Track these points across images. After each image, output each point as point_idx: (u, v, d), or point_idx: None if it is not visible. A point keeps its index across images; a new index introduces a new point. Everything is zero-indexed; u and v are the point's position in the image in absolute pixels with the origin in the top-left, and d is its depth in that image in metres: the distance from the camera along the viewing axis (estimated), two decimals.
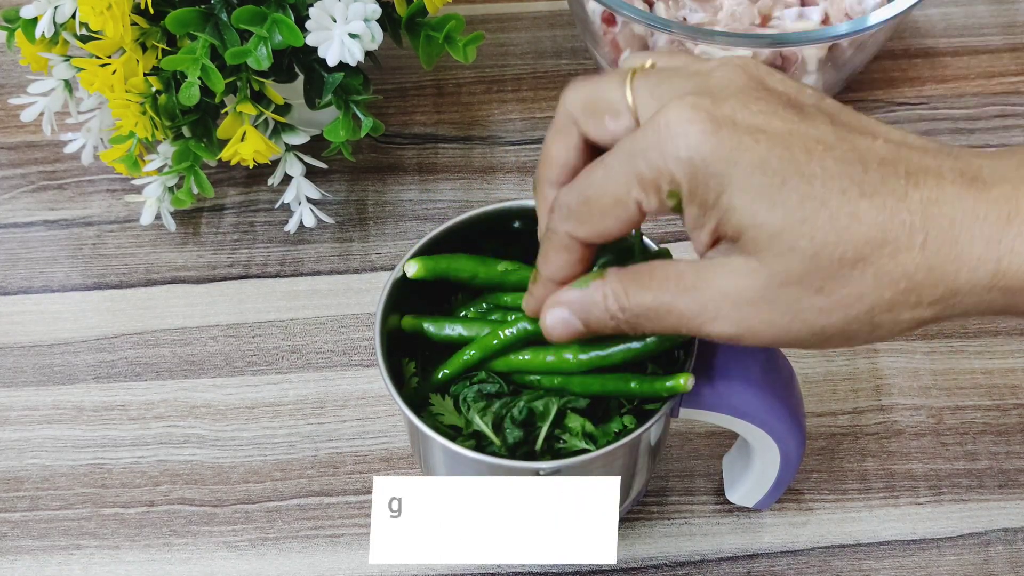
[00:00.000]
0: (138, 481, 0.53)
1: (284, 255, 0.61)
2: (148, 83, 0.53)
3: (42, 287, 0.60)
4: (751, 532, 0.51)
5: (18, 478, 0.54)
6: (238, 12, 0.51)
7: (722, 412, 0.42)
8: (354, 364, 0.57)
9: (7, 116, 0.68)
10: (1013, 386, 0.56)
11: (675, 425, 0.54)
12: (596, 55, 0.65)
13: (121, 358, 0.57)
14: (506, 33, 0.72)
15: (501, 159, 0.65)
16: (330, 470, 0.53)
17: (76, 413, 0.56)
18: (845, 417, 0.55)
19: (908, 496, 0.52)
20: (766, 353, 0.43)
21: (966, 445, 0.54)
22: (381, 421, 0.55)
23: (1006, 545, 0.51)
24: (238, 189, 0.64)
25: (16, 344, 0.58)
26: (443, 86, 0.69)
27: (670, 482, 0.53)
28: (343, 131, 0.54)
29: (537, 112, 0.67)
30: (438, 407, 0.43)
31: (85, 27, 0.53)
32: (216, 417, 0.55)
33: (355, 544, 0.51)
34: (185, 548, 0.51)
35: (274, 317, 0.59)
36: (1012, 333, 0.57)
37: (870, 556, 0.50)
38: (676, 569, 0.50)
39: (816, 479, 0.53)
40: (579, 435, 0.41)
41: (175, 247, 0.62)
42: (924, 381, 0.56)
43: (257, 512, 0.52)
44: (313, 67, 0.55)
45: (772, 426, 0.43)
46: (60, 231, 0.62)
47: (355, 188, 0.64)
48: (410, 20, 0.56)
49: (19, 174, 0.65)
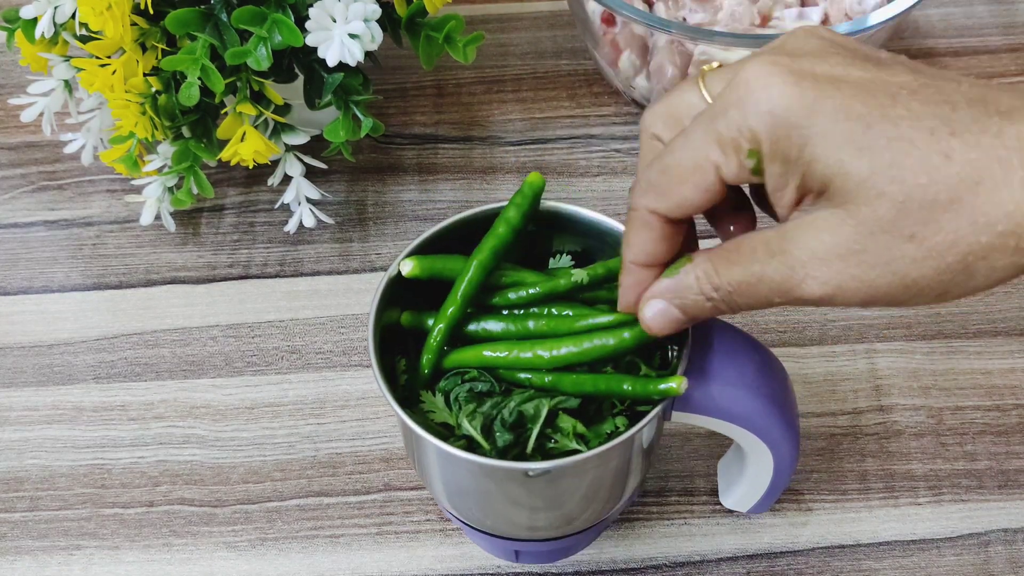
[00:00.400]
0: (138, 481, 0.53)
1: (284, 255, 0.61)
2: (148, 83, 0.53)
3: (42, 287, 0.60)
4: (751, 532, 0.51)
5: (18, 478, 0.54)
6: (238, 12, 0.51)
7: (715, 416, 0.42)
8: (354, 364, 0.57)
9: (7, 116, 0.68)
10: (1013, 386, 0.56)
11: (674, 426, 0.54)
12: (596, 55, 0.65)
13: (121, 358, 0.57)
14: (506, 33, 0.72)
15: (501, 159, 0.65)
16: (330, 470, 0.53)
17: (76, 413, 0.56)
18: (845, 417, 0.55)
19: (908, 496, 0.52)
20: (760, 356, 0.43)
21: (966, 445, 0.54)
22: (381, 421, 0.55)
23: (1006, 545, 0.51)
24: (238, 189, 0.64)
25: (16, 344, 0.58)
26: (443, 86, 0.69)
27: (670, 482, 0.53)
28: (343, 131, 0.54)
29: (537, 112, 0.67)
30: (428, 404, 0.43)
31: (85, 27, 0.53)
32: (216, 417, 0.55)
33: (355, 544, 0.51)
34: (185, 548, 0.51)
35: (274, 317, 0.59)
36: (1012, 333, 0.57)
37: (870, 556, 0.50)
38: (676, 569, 0.50)
39: (816, 479, 0.53)
40: (570, 436, 0.41)
41: (175, 247, 0.62)
42: (924, 381, 0.56)
43: (257, 512, 0.52)
44: (313, 67, 0.55)
45: (765, 431, 0.43)
46: (60, 231, 0.62)
47: (355, 188, 0.64)
48: (410, 20, 0.56)
49: (19, 174, 0.65)
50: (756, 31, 0.60)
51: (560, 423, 0.41)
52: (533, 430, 0.41)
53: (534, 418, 0.41)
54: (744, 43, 0.56)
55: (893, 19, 0.57)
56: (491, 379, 0.43)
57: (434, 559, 0.51)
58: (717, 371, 0.42)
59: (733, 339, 0.43)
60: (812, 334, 0.57)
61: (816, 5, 0.61)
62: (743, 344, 0.43)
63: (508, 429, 0.41)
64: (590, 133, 0.66)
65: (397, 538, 0.51)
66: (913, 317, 0.58)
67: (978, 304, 0.58)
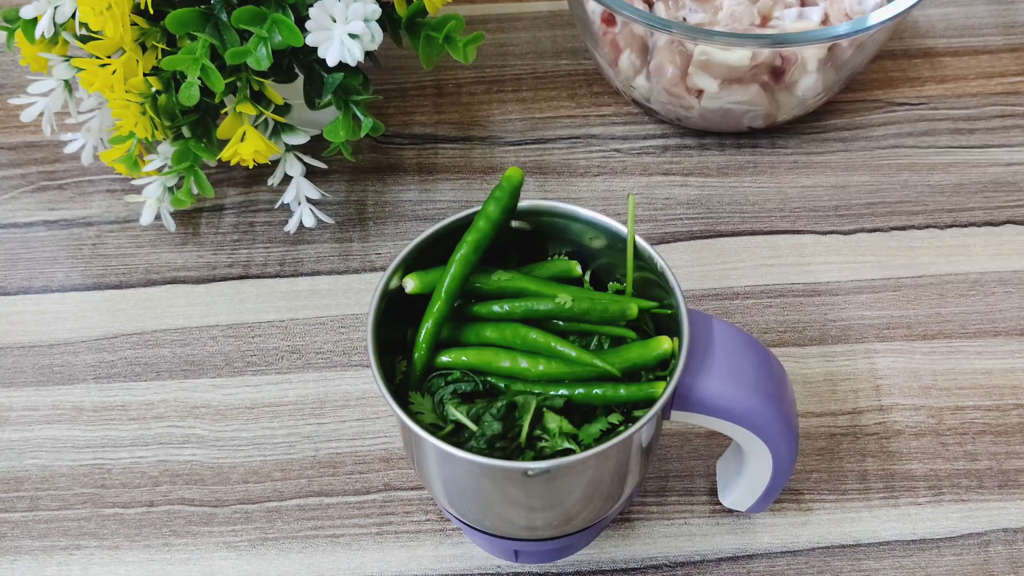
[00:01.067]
0: (138, 481, 0.53)
1: (284, 255, 0.61)
2: (148, 83, 0.53)
3: (42, 287, 0.60)
4: (751, 532, 0.51)
5: (18, 478, 0.54)
6: (238, 12, 0.51)
7: (714, 415, 0.42)
8: (354, 364, 0.57)
9: (7, 116, 0.68)
10: (1013, 386, 0.56)
11: (674, 425, 0.54)
12: (596, 55, 0.65)
13: (121, 358, 0.57)
14: (506, 33, 0.72)
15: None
16: (330, 470, 0.53)
17: (76, 413, 0.56)
18: (845, 417, 0.55)
19: (908, 496, 0.52)
20: (759, 355, 0.43)
21: (966, 445, 0.54)
22: (381, 421, 0.55)
23: (1006, 545, 0.51)
24: (238, 189, 0.64)
25: (16, 344, 0.58)
26: (443, 86, 0.69)
27: (670, 482, 0.53)
28: (343, 131, 0.54)
29: (537, 112, 0.67)
30: (417, 405, 0.43)
31: (85, 27, 0.53)
32: (216, 417, 0.55)
33: (355, 544, 0.51)
34: (185, 548, 0.51)
35: (274, 317, 0.59)
36: (1012, 333, 0.57)
37: (870, 556, 0.50)
38: (676, 569, 0.50)
39: (816, 479, 0.53)
40: (557, 435, 0.41)
41: (175, 247, 0.62)
42: (924, 381, 0.56)
43: (257, 512, 0.52)
44: (313, 67, 0.55)
45: (764, 430, 0.43)
46: (60, 231, 0.62)
47: (355, 188, 0.64)
48: (410, 20, 0.56)
49: (19, 174, 0.65)
50: (756, 31, 0.60)
51: (547, 422, 0.42)
52: (525, 422, 0.41)
53: (524, 408, 0.41)
54: (744, 43, 0.56)
55: (893, 19, 0.57)
56: (475, 379, 0.43)
57: (434, 559, 0.51)
58: (716, 370, 0.42)
59: (732, 338, 0.43)
60: (812, 334, 0.57)
61: (816, 5, 0.61)
62: (742, 343, 0.43)
63: (498, 420, 0.41)
64: (590, 133, 0.66)
65: (397, 538, 0.51)
66: (913, 317, 0.58)
67: (978, 304, 0.59)
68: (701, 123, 0.64)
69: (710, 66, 0.59)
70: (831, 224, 0.62)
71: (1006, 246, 0.61)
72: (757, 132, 0.66)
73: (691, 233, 0.62)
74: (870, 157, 0.65)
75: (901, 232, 0.61)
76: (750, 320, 0.58)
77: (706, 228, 0.62)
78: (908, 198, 0.63)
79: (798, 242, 0.61)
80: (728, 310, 0.58)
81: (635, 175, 0.64)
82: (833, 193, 0.63)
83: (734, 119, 0.63)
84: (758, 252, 0.61)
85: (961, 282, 0.59)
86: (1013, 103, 0.67)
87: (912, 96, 0.68)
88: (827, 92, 0.63)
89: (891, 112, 0.67)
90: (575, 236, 0.46)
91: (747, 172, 0.64)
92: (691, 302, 0.59)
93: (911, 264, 0.60)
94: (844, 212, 0.62)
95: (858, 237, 0.61)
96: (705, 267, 0.60)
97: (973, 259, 0.60)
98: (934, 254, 0.61)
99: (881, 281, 0.60)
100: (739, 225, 0.62)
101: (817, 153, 0.65)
